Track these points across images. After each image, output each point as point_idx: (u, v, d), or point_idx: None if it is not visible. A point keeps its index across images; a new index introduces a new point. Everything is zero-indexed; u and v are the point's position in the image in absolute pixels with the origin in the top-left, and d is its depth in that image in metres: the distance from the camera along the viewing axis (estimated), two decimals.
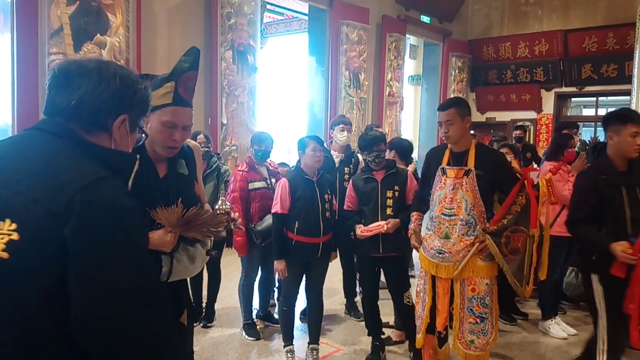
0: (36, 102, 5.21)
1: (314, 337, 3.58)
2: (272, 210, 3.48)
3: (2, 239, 0.96)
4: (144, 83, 1.21)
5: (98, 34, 5.54)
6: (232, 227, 1.88)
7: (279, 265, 3.42)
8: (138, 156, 1.21)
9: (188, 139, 2.01)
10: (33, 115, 5.21)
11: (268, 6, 8.68)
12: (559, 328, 4.20)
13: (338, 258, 4.42)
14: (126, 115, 1.15)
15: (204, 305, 4.25)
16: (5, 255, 0.96)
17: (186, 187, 1.91)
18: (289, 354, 3.54)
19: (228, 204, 1.90)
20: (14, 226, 0.97)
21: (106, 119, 1.13)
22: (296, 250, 3.43)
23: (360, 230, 3.41)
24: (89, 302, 0.97)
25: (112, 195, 1.02)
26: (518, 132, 7.31)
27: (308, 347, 3.59)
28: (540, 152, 8.83)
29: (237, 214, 1.93)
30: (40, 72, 5.20)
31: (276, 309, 4.49)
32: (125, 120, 1.16)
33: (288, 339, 3.58)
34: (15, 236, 0.96)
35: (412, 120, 11.70)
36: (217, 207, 1.88)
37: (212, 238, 1.89)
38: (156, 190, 1.80)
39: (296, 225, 3.39)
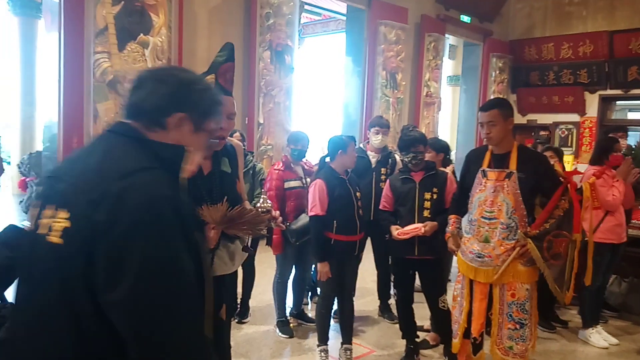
0: (81, 99, 5.38)
1: (348, 338, 3.57)
2: (311, 213, 3.40)
3: (60, 226, 1.07)
4: (205, 85, 1.25)
5: (141, 34, 5.67)
6: (272, 225, 1.90)
7: (323, 267, 3.36)
8: (187, 148, 1.24)
9: (231, 138, 2.05)
10: (79, 112, 5.38)
11: (306, 6, 8.72)
12: (600, 337, 4.07)
13: (372, 259, 4.40)
14: (184, 114, 1.20)
15: (238, 301, 4.30)
16: (60, 241, 1.06)
17: (229, 184, 1.95)
18: (322, 354, 3.54)
19: (269, 202, 1.92)
20: (67, 215, 1.07)
21: (163, 116, 1.19)
22: (335, 250, 3.40)
23: (397, 232, 3.37)
24: (115, 285, 1.00)
25: (148, 183, 1.07)
26: (545, 132, 7.05)
27: (341, 347, 3.58)
28: (584, 157, 8.59)
29: (278, 212, 1.94)
30: (85, 71, 5.36)
31: (309, 307, 4.51)
32: (185, 119, 1.21)
33: (323, 340, 3.57)
34: (67, 224, 1.06)
35: (450, 121, 11.55)
36: (258, 205, 1.89)
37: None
38: (201, 187, 1.83)
39: (335, 225, 3.37)
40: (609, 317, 4.60)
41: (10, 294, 1.90)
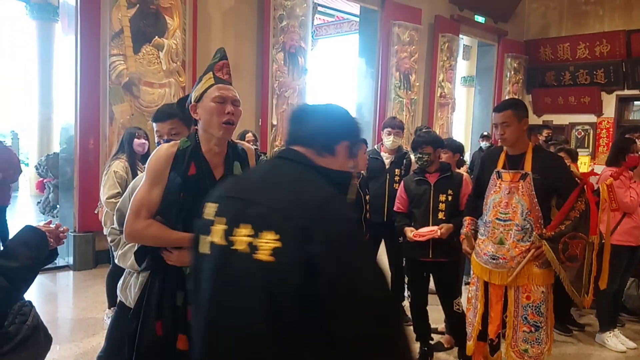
0: (97, 101, 5.44)
1: None
2: None
3: (269, 246, 1.22)
4: (353, 117, 1.50)
5: (156, 37, 5.73)
6: None
7: None
8: (353, 172, 1.47)
9: (242, 142, 2.09)
10: (95, 114, 5.45)
11: (319, 8, 8.73)
12: (617, 341, 4.01)
13: (386, 261, 4.38)
14: (348, 142, 1.43)
15: None
16: (271, 259, 1.21)
17: None
18: None
19: None
20: (277, 236, 1.22)
21: (334, 144, 1.41)
22: None
23: (413, 234, 3.36)
24: (341, 303, 1.20)
25: (343, 210, 1.28)
26: (547, 131, 6.92)
27: None
28: (600, 158, 8.48)
29: None
30: (102, 73, 5.43)
31: None
32: (347, 146, 1.43)
33: None
34: (278, 244, 1.22)
35: (464, 122, 11.47)
36: None
37: None
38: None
39: None
40: (627, 320, 4.53)
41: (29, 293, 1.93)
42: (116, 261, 2.22)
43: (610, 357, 3.89)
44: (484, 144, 7.65)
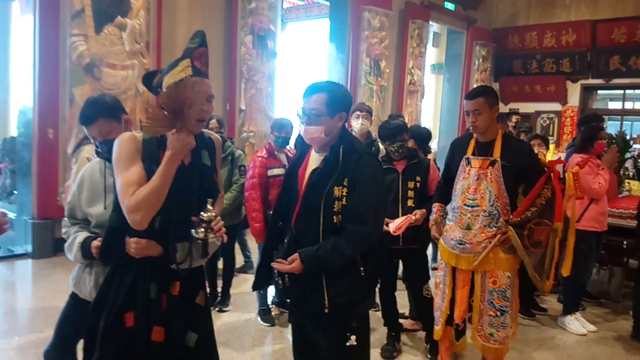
0: (57, 83, 5.23)
1: None
2: None
3: None
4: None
5: (119, 16, 5.52)
6: (210, 237, 1.81)
7: None
8: None
9: (209, 131, 2.05)
10: (54, 96, 5.23)
11: None
12: (578, 324, 4.12)
13: None
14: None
15: (219, 289, 4.25)
16: None
17: (209, 177, 1.94)
18: None
19: (213, 212, 1.83)
20: None
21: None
22: None
23: (393, 231, 3.25)
24: None
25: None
26: (516, 117, 7.01)
27: None
28: (565, 146, 8.64)
29: (221, 223, 1.85)
30: (61, 54, 5.21)
31: None
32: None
33: None
34: None
35: (433, 109, 11.54)
36: (201, 213, 1.81)
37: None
38: (180, 179, 1.79)
39: None
40: (587, 304, 4.65)
41: None
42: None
43: (572, 340, 3.98)
44: None
